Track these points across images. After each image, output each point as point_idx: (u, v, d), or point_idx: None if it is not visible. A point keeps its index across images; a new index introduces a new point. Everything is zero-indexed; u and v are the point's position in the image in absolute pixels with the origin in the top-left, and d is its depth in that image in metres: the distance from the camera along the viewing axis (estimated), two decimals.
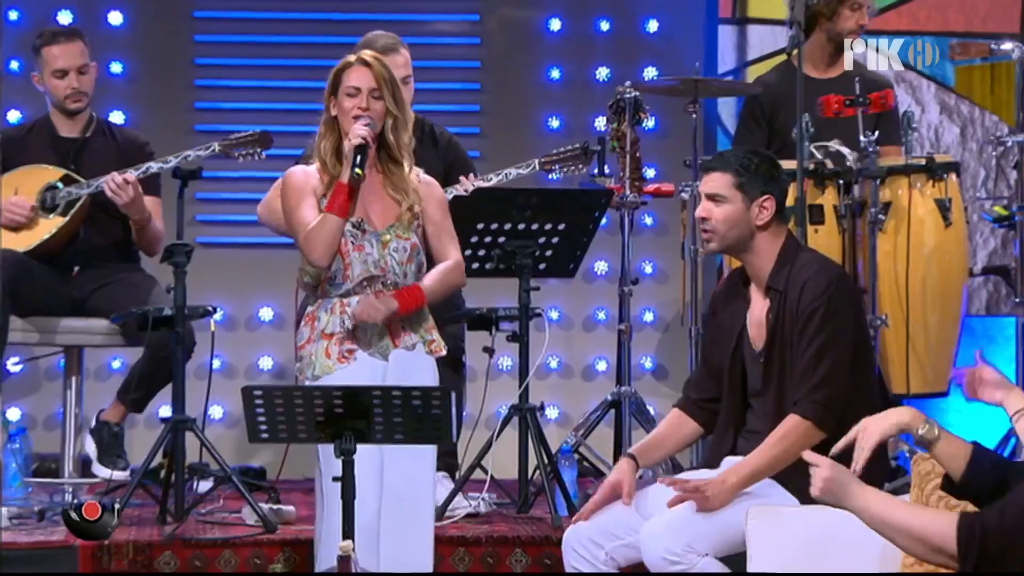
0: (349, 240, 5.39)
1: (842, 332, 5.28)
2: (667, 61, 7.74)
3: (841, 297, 5.30)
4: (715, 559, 5.20)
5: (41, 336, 6.80)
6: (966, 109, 7.93)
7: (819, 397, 5.22)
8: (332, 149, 5.46)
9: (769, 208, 5.32)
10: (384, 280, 5.43)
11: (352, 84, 5.42)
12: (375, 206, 5.45)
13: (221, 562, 5.89)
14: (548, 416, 7.33)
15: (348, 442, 5.01)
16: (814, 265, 5.35)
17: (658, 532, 5.20)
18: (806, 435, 5.22)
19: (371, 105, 5.41)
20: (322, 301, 5.46)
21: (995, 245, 7.84)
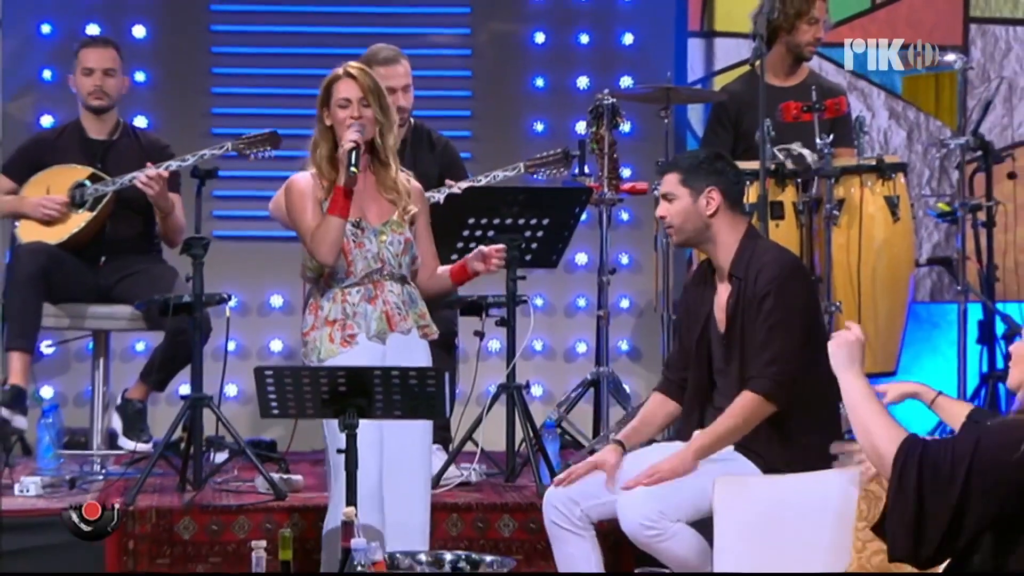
0: (351, 239, 5.39)
1: (792, 314, 5.28)
2: (641, 71, 7.74)
3: (792, 282, 5.31)
4: (687, 525, 5.22)
5: (71, 321, 6.80)
6: (912, 115, 7.94)
7: (770, 373, 5.24)
8: (327, 156, 5.45)
9: (715, 198, 5.32)
10: (382, 271, 5.44)
11: (342, 96, 5.42)
12: (371, 206, 5.46)
13: (236, 527, 5.90)
14: (533, 394, 7.32)
15: (351, 417, 5.03)
16: (770, 253, 5.37)
17: (634, 501, 5.22)
18: (759, 408, 5.25)
19: (362, 113, 5.41)
20: (325, 291, 5.47)
21: (939, 238, 7.85)
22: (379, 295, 5.43)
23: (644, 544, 5.23)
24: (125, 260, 6.81)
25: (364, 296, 5.42)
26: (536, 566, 5.68)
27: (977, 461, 3.88)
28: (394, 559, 4.65)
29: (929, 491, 3.88)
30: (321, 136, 5.47)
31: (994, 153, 6.98)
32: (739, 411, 5.28)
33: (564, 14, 7.93)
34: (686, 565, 5.21)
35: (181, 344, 6.46)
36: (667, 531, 5.18)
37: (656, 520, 5.18)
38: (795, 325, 5.28)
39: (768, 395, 5.24)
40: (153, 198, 6.61)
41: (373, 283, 5.44)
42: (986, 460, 3.89)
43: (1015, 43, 7.96)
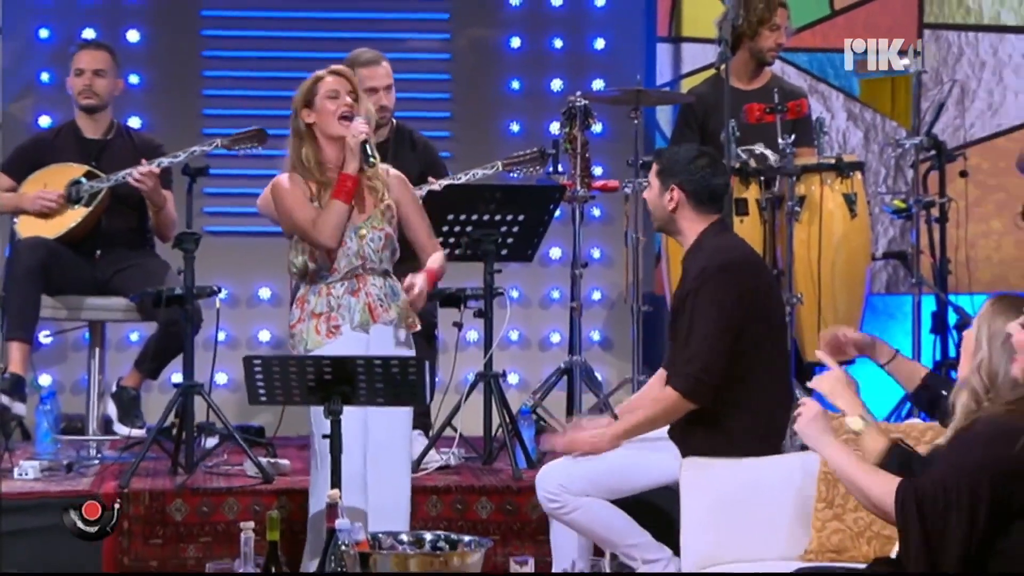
0: None
1: (709, 314, 5.16)
2: (612, 74, 7.73)
3: (712, 283, 5.18)
4: (602, 500, 5.20)
5: (68, 312, 6.78)
6: (869, 116, 7.95)
7: (689, 371, 5.16)
8: (314, 156, 5.43)
9: (675, 197, 5.30)
10: (364, 267, 5.42)
11: (331, 88, 5.39)
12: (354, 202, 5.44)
13: (225, 508, 5.89)
14: (509, 382, 7.33)
15: (336, 404, 5.02)
16: (705, 252, 5.27)
17: (541, 475, 5.25)
18: (677, 405, 5.19)
19: (355, 108, 5.39)
20: (311, 286, 5.45)
21: (894, 234, 7.86)
22: (362, 288, 5.43)
23: (550, 515, 5.25)
24: (120, 254, 6.78)
25: (348, 289, 5.42)
26: (512, 546, 5.68)
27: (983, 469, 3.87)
28: (377, 539, 4.64)
29: (933, 524, 3.89)
30: (303, 137, 5.44)
31: (947, 153, 6.99)
32: (658, 405, 5.24)
33: (539, 20, 7.93)
34: (598, 538, 5.21)
35: (173, 334, 6.45)
36: (568, 504, 5.19)
37: (557, 494, 5.19)
38: (715, 325, 5.15)
39: (686, 394, 5.17)
40: (147, 194, 6.60)
41: (356, 277, 5.43)
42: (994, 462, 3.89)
43: (967, 48, 7.98)
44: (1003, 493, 3.88)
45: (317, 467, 5.36)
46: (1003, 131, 7.97)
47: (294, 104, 5.44)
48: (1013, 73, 7.98)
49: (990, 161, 7.91)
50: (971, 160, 7.43)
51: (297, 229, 5.43)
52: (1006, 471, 3.87)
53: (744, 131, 6.58)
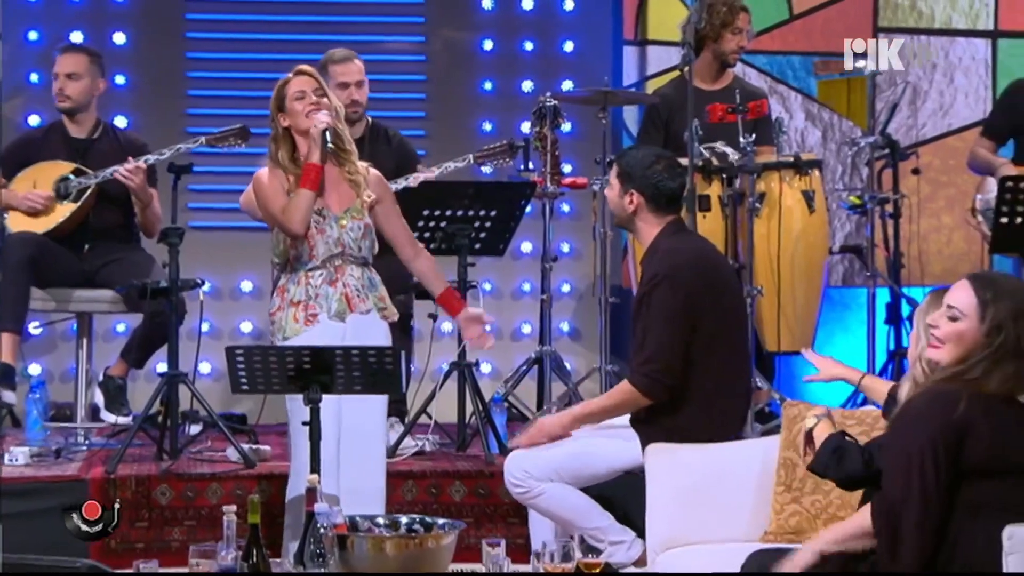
0: (314, 226, 5.37)
1: (661, 317, 5.18)
2: (581, 75, 7.73)
3: (662, 288, 5.20)
4: (565, 484, 5.20)
5: (57, 304, 6.74)
6: (827, 116, 7.96)
7: (645, 370, 5.19)
8: (288, 155, 5.42)
9: (634, 201, 5.32)
10: (343, 255, 5.41)
11: (297, 90, 5.40)
12: (332, 194, 5.43)
13: (208, 493, 5.87)
14: (482, 371, 7.31)
15: (314, 392, 5.00)
16: (658, 255, 5.29)
17: (508, 462, 5.26)
18: (632, 398, 5.22)
19: (320, 102, 5.38)
20: (290, 275, 5.43)
21: (850, 228, 7.87)
22: (339, 278, 5.41)
23: (518, 499, 5.25)
24: (107, 248, 6.75)
25: (326, 279, 5.40)
26: (484, 529, 5.67)
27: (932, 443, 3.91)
28: (354, 522, 4.63)
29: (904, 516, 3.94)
30: (280, 139, 5.43)
31: (900, 151, 7.01)
32: (615, 395, 5.28)
33: (511, 23, 7.92)
34: (562, 521, 5.22)
35: (158, 325, 6.42)
36: (533, 489, 5.21)
37: (522, 479, 5.21)
38: (667, 327, 5.18)
39: (643, 391, 5.19)
40: (134, 190, 6.57)
41: (334, 267, 5.41)
42: (939, 431, 3.93)
43: (919, 51, 7.99)
44: (953, 456, 3.93)
45: (294, 454, 5.35)
46: (953, 130, 7.99)
47: (270, 108, 5.45)
48: (963, 75, 7.99)
49: (941, 159, 7.93)
50: (923, 158, 7.45)
51: (271, 218, 5.43)
52: (950, 437, 3.93)
53: (707, 130, 6.58)
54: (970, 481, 3.97)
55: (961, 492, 3.97)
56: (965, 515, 3.97)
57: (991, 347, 4.02)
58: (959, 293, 4.11)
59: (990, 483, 3.96)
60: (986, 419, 3.96)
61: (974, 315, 4.07)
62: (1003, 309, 4.05)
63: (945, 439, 3.94)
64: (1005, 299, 4.06)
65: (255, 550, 4.28)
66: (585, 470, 5.24)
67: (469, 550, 5.29)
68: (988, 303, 4.06)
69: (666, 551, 5.00)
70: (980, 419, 3.96)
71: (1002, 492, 3.95)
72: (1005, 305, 4.05)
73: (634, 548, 5.27)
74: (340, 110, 5.48)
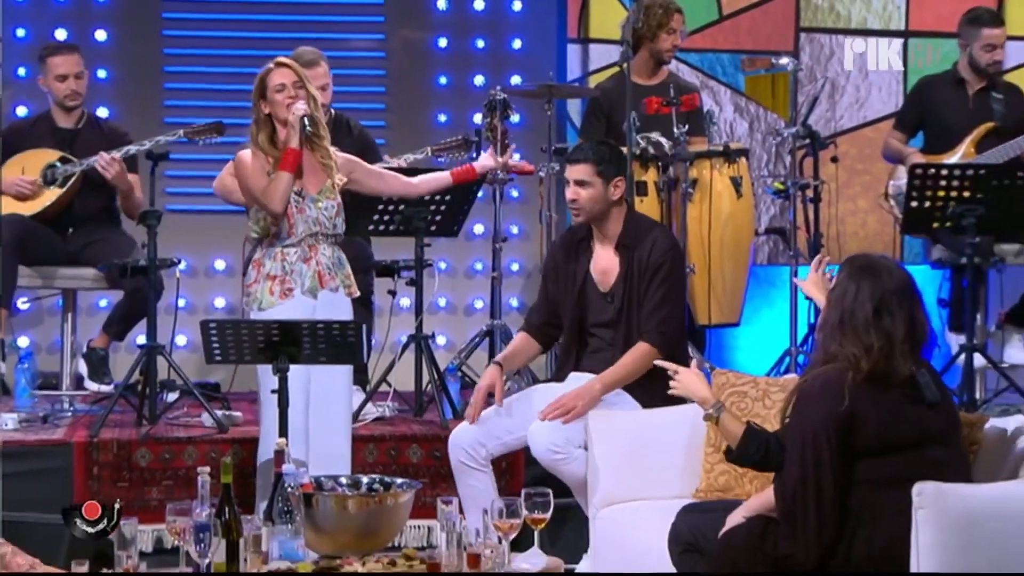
0: (293, 204, 5.36)
1: (680, 281, 5.44)
2: (528, 71, 7.71)
3: (679, 256, 5.48)
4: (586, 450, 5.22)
5: (44, 281, 6.73)
6: (753, 109, 7.97)
7: (664, 329, 5.30)
8: (268, 139, 5.40)
9: (620, 187, 5.39)
10: (319, 234, 5.40)
11: (278, 82, 5.38)
12: (309, 177, 5.43)
13: (185, 455, 5.85)
14: (437, 343, 7.30)
15: (283, 362, 4.99)
16: (657, 230, 5.48)
17: (544, 430, 5.24)
18: (650, 356, 5.26)
19: (298, 93, 5.36)
20: (266, 250, 5.42)
21: (775, 212, 7.88)
22: (313, 256, 5.41)
23: (550, 465, 5.24)
24: (90, 230, 6.73)
25: (300, 256, 5.40)
26: (439, 488, 5.66)
27: (823, 430, 3.91)
28: (319, 482, 4.61)
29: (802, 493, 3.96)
30: (260, 124, 5.42)
31: (820, 141, 7.00)
32: (638, 358, 5.32)
33: (464, 23, 7.90)
34: (577, 484, 5.22)
35: (138, 301, 6.40)
36: (571, 455, 5.20)
37: (562, 446, 5.20)
38: (681, 291, 5.45)
39: (659, 347, 5.27)
40: (113, 179, 6.53)
41: (308, 246, 5.40)
42: (830, 419, 3.92)
43: (836, 49, 8.01)
44: (843, 441, 3.93)
45: (264, 419, 5.33)
46: (868, 122, 8.02)
47: (253, 96, 5.43)
48: (876, 72, 8.01)
49: (857, 148, 7.96)
50: (841, 147, 7.47)
51: (252, 198, 5.41)
52: (838, 425, 3.93)
53: (644, 121, 6.58)
54: (867, 460, 3.96)
55: (861, 470, 3.95)
56: (868, 490, 3.96)
57: (842, 323, 4.00)
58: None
59: (887, 459, 3.95)
60: (871, 404, 3.94)
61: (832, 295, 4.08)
62: (839, 287, 4.04)
63: (833, 427, 3.92)
64: (846, 277, 4.04)
65: (227, 508, 4.26)
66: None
67: (425, 507, 5.30)
68: (843, 282, 4.04)
69: (607, 507, 5.02)
70: (865, 405, 3.93)
71: (901, 466, 3.93)
72: (841, 283, 4.04)
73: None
74: (318, 97, 5.47)
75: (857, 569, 3.93)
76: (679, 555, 4.36)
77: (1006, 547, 3.85)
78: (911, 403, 3.98)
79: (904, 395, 3.98)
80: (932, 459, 3.95)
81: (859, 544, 3.94)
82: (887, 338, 3.95)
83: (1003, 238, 6.63)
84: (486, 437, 5.32)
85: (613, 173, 5.37)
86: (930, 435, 3.99)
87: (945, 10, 7.69)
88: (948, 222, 6.32)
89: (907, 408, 3.97)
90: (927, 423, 3.99)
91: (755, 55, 7.56)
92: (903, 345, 3.97)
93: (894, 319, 3.97)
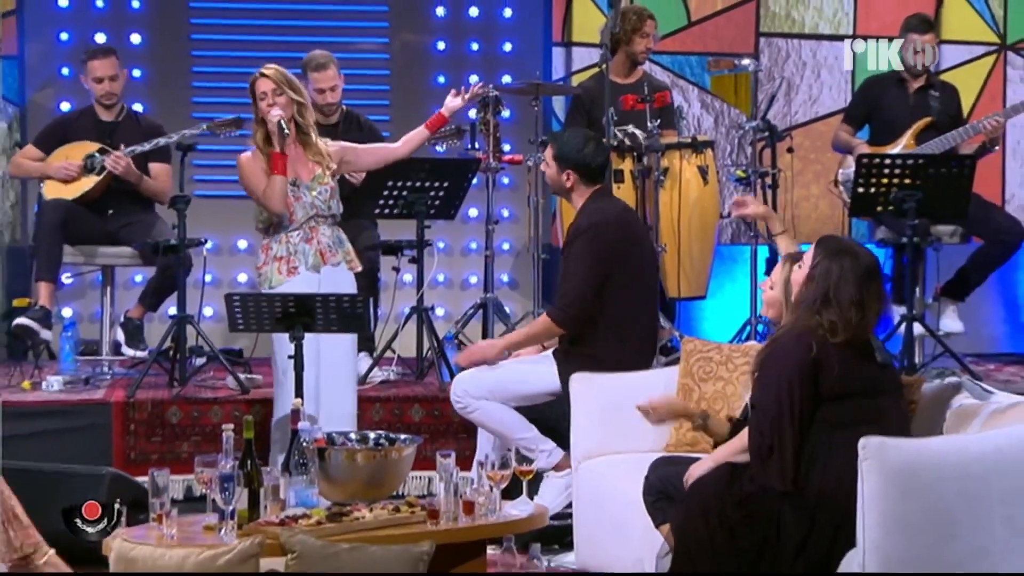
0: (291, 196, 5.37)
1: (579, 262, 5.19)
2: (517, 71, 7.68)
3: (583, 238, 5.21)
4: (500, 404, 5.20)
5: (85, 259, 6.71)
6: (718, 105, 7.95)
7: (562, 304, 5.24)
8: (263, 138, 5.43)
9: (571, 180, 5.34)
10: (317, 216, 5.40)
11: (260, 91, 5.42)
12: (302, 169, 5.45)
13: (211, 414, 5.85)
14: (437, 314, 7.29)
15: (298, 331, 4.98)
16: (588, 211, 5.32)
17: (453, 383, 5.31)
18: (548, 328, 5.25)
19: (276, 101, 5.35)
20: (272, 236, 5.44)
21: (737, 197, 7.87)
22: (314, 237, 5.44)
23: (461, 414, 5.27)
24: (126, 212, 6.70)
25: (303, 238, 5.42)
26: (438, 443, 5.66)
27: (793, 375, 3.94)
28: (331, 437, 4.61)
29: (772, 434, 3.97)
30: (256, 124, 5.46)
31: (777, 134, 6.99)
32: (536, 326, 5.36)
33: (459, 28, 7.86)
34: (496, 433, 5.22)
35: (169, 276, 6.37)
36: (470, 406, 5.26)
37: (462, 397, 5.26)
38: (583, 271, 5.18)
39: (557, 322, 5.23)
40: (122, 174, 6.50)
41: (310, 228, 5.41)
42: (797, 366, 3.95)
43: (792, 52, 7.99)
44: (811, 385, 3.97)
45: (280, 382, 5.33)
46: (820, 117, 8.00)
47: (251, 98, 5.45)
48: (827, 72, 8.01)
49: (810, 140, 7.94)
50: (796, 139, 7.44)
51: (254, 197, 5.43)
52: (806, 372, 3.97)
53: (621, 116, 6.57)
54: (828, 404, 4.01)
55: (822, 413, 4.01)
56: (825, 432, 4.00)
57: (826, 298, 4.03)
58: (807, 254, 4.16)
59: (843, 404, 4.01)
60: (834, 355, 4.01)
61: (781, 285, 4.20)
62: (821, 266, 4.06)
63: (802, 373, 3.98)
64: (825, 258, 4.07)
65: (249, 460, 4.27)
66: (513, 391, 5.27)
67: (426, 460, 5.30)
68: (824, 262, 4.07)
69: (587, 460, 5.02)
70: (829, 356, 4.00)
71: (853, 411, 4.01)
72: (823, 263, 4.06)
73: (554, 455, 5.29)
74: (306, 96, 5.45)
75: (811, 503, 3.95)
76: (652, 503, 4.37)
77: (939, 493, 3.88)
78: (866, 360, 4.05)
79: (859, 352, 4.05)
80: (879, 407, 4.03)
81: (814, 478, 3.97)
82: (863, 311, 3.99)
83: (939, 220, 6.63)
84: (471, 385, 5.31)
85: (563, 167, 5.34)
86: (879, 388, 4.07)
87: (889, 17, 7.67)
88: (891, 206, 6.32)
89: (862, 363, 4.05)
90: (876, 377, 4.07)
91: (720, 57, 7.53)
92: (874, 317, 4.03)
93: (871, 294, 4.02)
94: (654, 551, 4.33)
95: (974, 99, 7.83)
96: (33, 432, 5.67)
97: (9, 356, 6.80)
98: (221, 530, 4.08)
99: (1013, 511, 3.87)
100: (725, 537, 3.96)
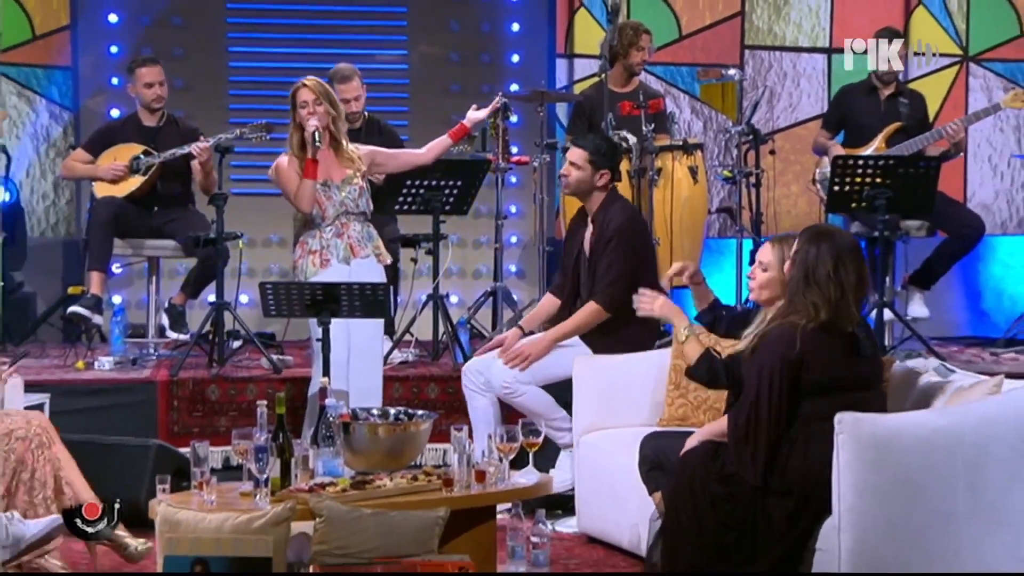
0: (323, 195, 5.38)
1: (627, 251, 5.27)
2: (525, 80, 7.68)
3: (626, 234, 5.29)
4: (537, 387, 5.22)
5: (133, 251, 6.71)
6: (707, 111, 7.94)
7: (610, 291, 5.24)
8: (298, 144, 5.43)
9: (605, 178, 5.36)
10: (347, 213, 5.41)
11: (301, 100, 5.41)
12: (333, 171, 5.47)
13: (247, 391, 5.86)
14: (451, 301, 7.30)
15: (326, 317, 5.00)
16: (618, 208, 5.38)
17: (499, 370, 5.27)
18: (597, 314, 5.26)
19: (316, 110, 5.36)
20: (307, 231, 5.45)
21: (724, 195, 7.85)
22: (345, 232, 5.46)
23: (503, 397, 5.30)
24: (170, 209, 6.70)
25: (334, 233, 5.44)
26: (452, 418, 5.65)
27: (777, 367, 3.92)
28: (355, 412, 4.62)
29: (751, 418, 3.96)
30: (293, 130, 5.46)
31: (760, 137, 6.98)
32: (584, 315, 5.31)
33: (472, 41, 7.86)
34: (534, 413, 5.23)
35: (209, 266, 6.37)
36: (518, 391, 5.24)
37: (511, 382, 5.23)
38: (627, 262, 5.27)
39: (604, 306, 5.25)
40: (203, 162, 6.46)
41: (341, 224, 5.42)
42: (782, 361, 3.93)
43: (774, 63, 7.98)
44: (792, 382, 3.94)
45: (314, 361, 5.34)
46: (800, 122, 8.00)
47: (290, 105, 5.46)
48: (806, 81, 8.00)
49: (791, 143, 7.93)
50: (777, 143, 7.44)
51: (286, 197, 5.47)
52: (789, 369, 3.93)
53: (618, 121, 6.56)
54: (808, 398, 3.97)
55: (802, 407, 3.97)
56: (804, 423, 3.98)
57: (807, 278, 4.00)
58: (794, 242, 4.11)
59: (823, 399, 3.97)
60: (818, 350, 3.96)
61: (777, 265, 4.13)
62: (802, 249, 4.03)
63: (785, 369, 3.94)
64: (806, 242, 4.05)
65: (281, 433, 4.28)
66: (553, 373, 5.28)
67: (441, 433, 5.31)
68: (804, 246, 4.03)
69: (588, 433, 5.02)
70: (813, 352, 3.96)
71: (834, 405, 3.95)
72: (804, 247, 4.03)
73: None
74: (341, 110, 5.46)
75: (791, 486, 3.94)
76: (646, 472, 4.38)
77: (908, 464, 3.88)
78: (850, 354, 4.00)
79: (844, 346, 4.00)
80: (858, 400, 3.98)
81: (795, 462, 3.95)
82: (842, 289, 3.96)
83: (907, 216, 6.63)
84: (485, 369, 5.33)
85: (602, 165, 5.35)
86: (860, 381, 4.03)
87: (862, 31, 7.66)
88: (863, 203, 6.32)
89: (846, 357, 4.00)
90: (859, 371, 4.02)
91: (708, 67, 7.52)
92: (855, 294, 3.99)
93: (848, 271, 3.99)
94: (647, 516, 4.34)
95: (939, 106, 7.81)
96: (87, 408, 5.69)
97: (65, 339, 6.81)
98: (256, 496, 4.11)
99: (974, 478, 3.88)
100: (708, 508, 3.96)
